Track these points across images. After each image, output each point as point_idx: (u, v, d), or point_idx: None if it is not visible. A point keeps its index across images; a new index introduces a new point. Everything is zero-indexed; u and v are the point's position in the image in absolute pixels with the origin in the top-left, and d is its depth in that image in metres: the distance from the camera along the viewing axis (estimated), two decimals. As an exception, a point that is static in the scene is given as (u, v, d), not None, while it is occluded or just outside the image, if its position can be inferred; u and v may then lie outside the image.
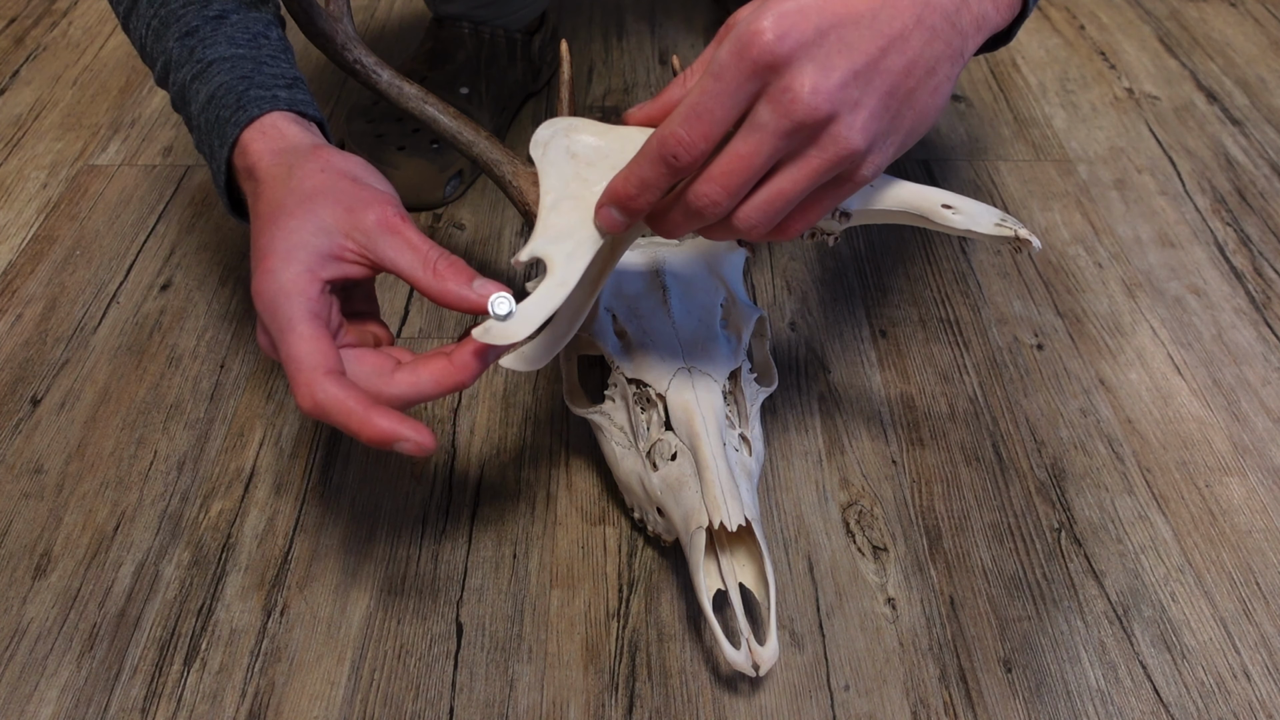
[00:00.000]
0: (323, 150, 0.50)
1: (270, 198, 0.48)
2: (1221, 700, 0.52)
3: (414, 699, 0.52)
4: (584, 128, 0.48)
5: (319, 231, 0.45)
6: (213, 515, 0.60)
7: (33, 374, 0.68)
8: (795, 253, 0.78)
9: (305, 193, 0.47)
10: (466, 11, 0.87)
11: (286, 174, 0.48)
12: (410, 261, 0.46)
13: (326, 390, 0.42)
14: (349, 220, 0.46)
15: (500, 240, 0.80)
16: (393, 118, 0.83)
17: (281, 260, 0.45)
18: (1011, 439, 0.65)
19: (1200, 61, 1.02)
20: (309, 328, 0.44)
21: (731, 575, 0.50)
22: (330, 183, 0.47)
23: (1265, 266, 0.78)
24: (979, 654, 0.54)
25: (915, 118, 0.43)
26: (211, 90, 0.53)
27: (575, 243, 0.45)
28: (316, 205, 0.46)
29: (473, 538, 0.59)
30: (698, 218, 0.43)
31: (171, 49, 0.54)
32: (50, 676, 0.52)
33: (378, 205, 0.47)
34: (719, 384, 0.54)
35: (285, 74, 0.55)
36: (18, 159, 0.87)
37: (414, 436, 0.43)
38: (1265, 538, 0.60)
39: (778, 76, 0.40)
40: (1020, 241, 0.46)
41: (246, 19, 0.55)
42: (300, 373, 0.43)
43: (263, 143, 0.50)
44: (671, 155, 0.41)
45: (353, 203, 0.46)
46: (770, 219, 0.43)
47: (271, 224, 0.46)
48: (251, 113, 0.51)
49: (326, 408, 0.42)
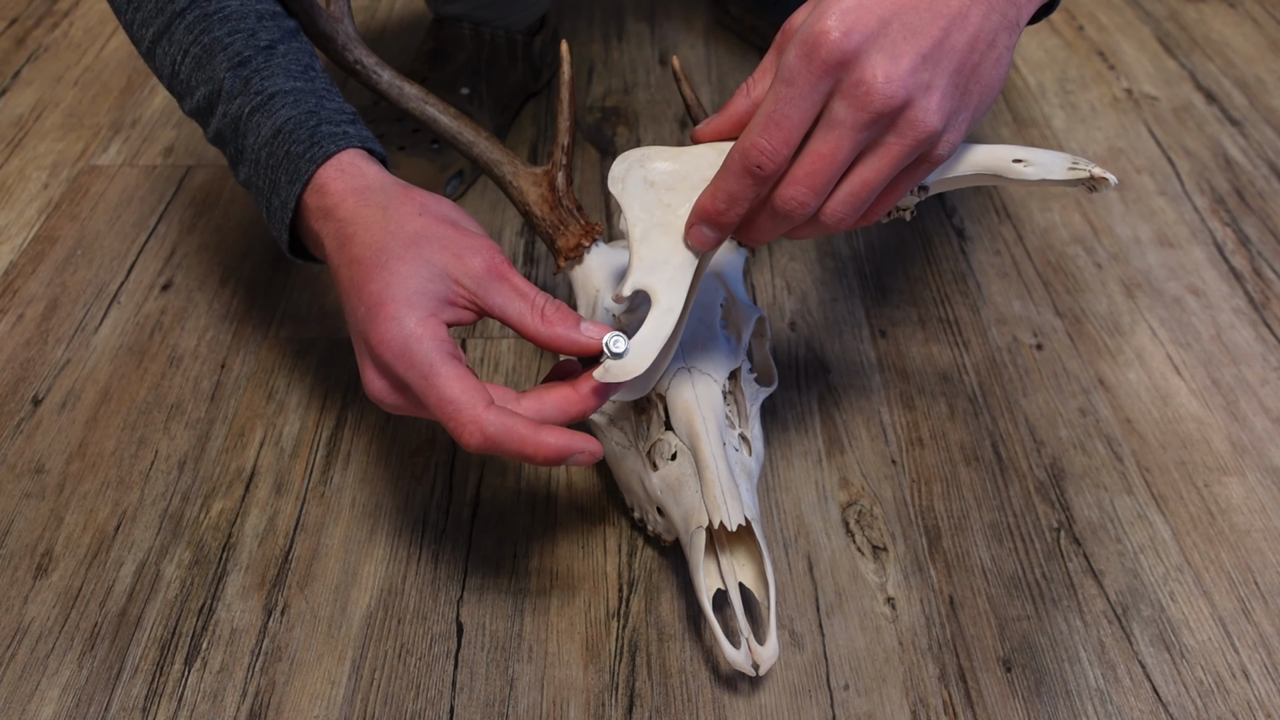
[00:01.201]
0: (414, 192, 0.49)
1: (368, 240, 0.47)
2: (1220, 699, 0.52)
3: (414, 698, 0.52)
4: (657, 155, 0.48)
5: (433, 277, 0.45)
6: (213, 515, 0.60)
7: (34, 374, 0.68)
8: (795, 253, 0.78)
9: (409, 237, 0.46)
10: (467, 12, 0.88)
11: (382, 216, 0.47)
12: (519, 309, 0.46)
13: (494, 423, 0.43)
14: (458, 266, 0.46)
15: (500, 240, 0.80)
16: (393, 118, 0.83)
17: (405, 307, 0.44)
18: (1011, 439, 0.65)
19: (1199, 62, 1.02)
20: (453, 368, 0.44)
21: (731, 575, 0.50)
22: (431, 227, 0.47)
23: (1264, 267, 0.78)
24: (978, 653, 0.54)
25: (983, 90, 0.44)
26: (278, 124, 0.51)
27: (673, 268, 0.46)
28: (424, 250, 0.46)
29: (473, 538, 0.59)
30: (786, 220, 0.44)
31: (223, 79, 0.52)
32: (51, 676, 0.52)
33: (485, 251, 0.47)
34: (719, 384, 0.54)
35: (344, 109, 0.53)
36: (19, 159, 0.87)
37: (587, 447, 0.45)
38: (1264, 537, 0.60)
39: (849, 72, 0.40)
40: (1096, 180, 0.46)
41: (293, 49, 0.54)
42: (462, 411, 0.43)
43: (343, 181, 0.49)
44: (756, 165, 0.42)
45: (459, 249, 0.46)
46: (857, 210, 0.44)
47: (380, 269, 0.45)
48: (328, 149, 0.50)
49: (498, 439, 0.43)
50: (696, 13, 1.07)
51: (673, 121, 0.92)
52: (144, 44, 0.55)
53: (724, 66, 0.99)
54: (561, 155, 0.60)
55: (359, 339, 0.46)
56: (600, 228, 0.59)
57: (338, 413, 0.66)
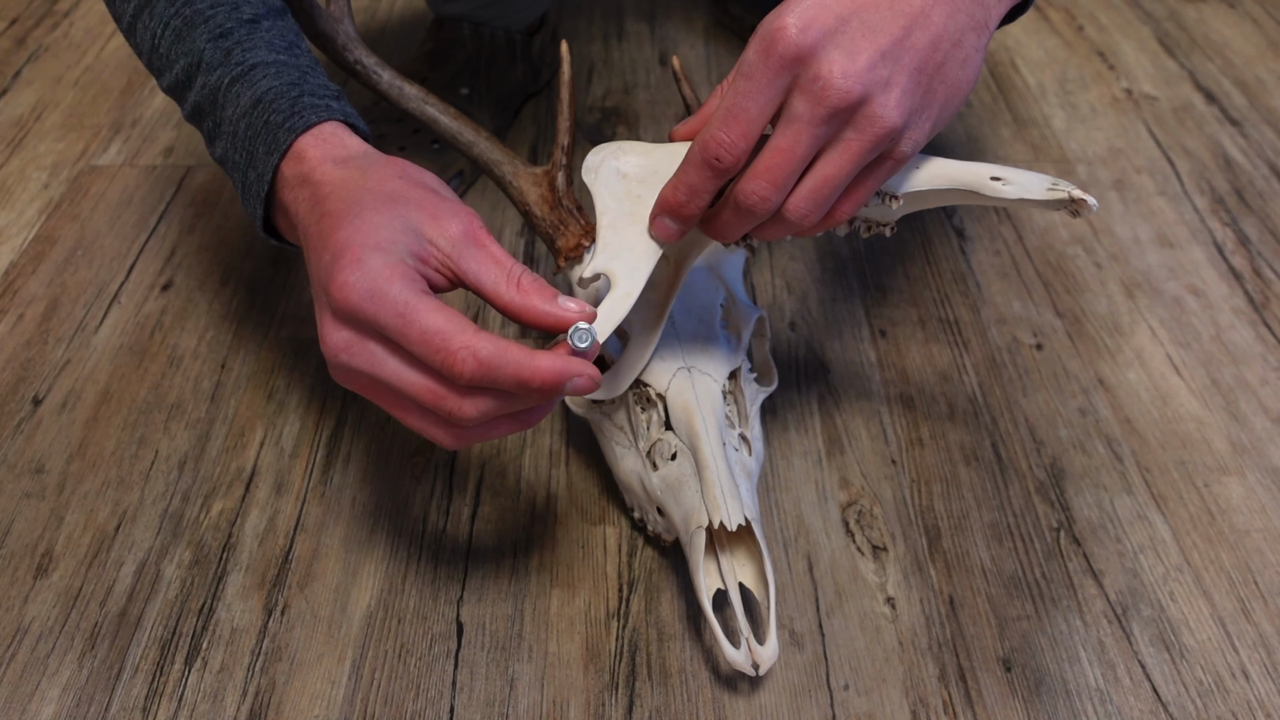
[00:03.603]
0: (397, 159, 0.47)
1: (343, 196, 0.44)
2: (1220, 699, 0.52)
3: (414, 698, 0.52)
4: (631, 149, 0.50)
5: (407, 230, 0.42)
6: (214, 515, 0.60)
7: (34, 374, 0.68)
8: (795, 253, 0.79)
9: (386, 194, 0.44)
10: (467, 12, 0.88)
11: (360, 176, 0.45)
12: (494, 277, 0.43)
13: (487, 346, 0.40)
14: (435, 228, 0.43)
15: (500, 240, 0.80)
16: (393, 118, 0.83)
17: (372, 250, 0.41)
18: (1011, 439, 0.65)
19: (1199, 62, 1.02)
20: (431, 301, 0.41)
21: (731, 575, 0.50)
22: (410, 190, 0.45)
23: (1264, 267, 0.78)
24: (978, 653, 0.54)
25: (948, 90, 0.43)
26: (258, 94, 0.49)
27: (635, 256, 0.47)
28: (400, 207, 0.43)
29: (473, 538, 0.59)
30: (749, 215, 0.44)
31: (202, 50, 0.51)
32: (52, 676, 0.52)
33: (463, 216, 0.44)
34: (719, 384, 0.54)
35: (329, 86, 0.52)
36: (19, 159, 0.87)
37: (585, 370, 0.42)
38: (1263, 537, 0.60)
39: (806, 67, 0.41)
40: (1077, 202, 0.45)
41: (277, 26, 0.53)
42: (451, 339, 0.40)
43: (322, 149, 0.47)
44: (714, 158, 0.43)
45: (437, 211, 0.44)
46: (819, 206, 0.44)
47: (350, 218, 0.43)
48: (309, 119, 0.48)
49: (493, 363, 0.40)
50: (696, 13, 1.07)
51: (672, 121, 0.92)
52: (125, 19, 0.54)
53: (724, 66, 0.99)
54: (561, 155, 0.60)
55: (319, 290, 0.43)
56: (600, 228, 0.59)
57: (338, 413, 0.66)
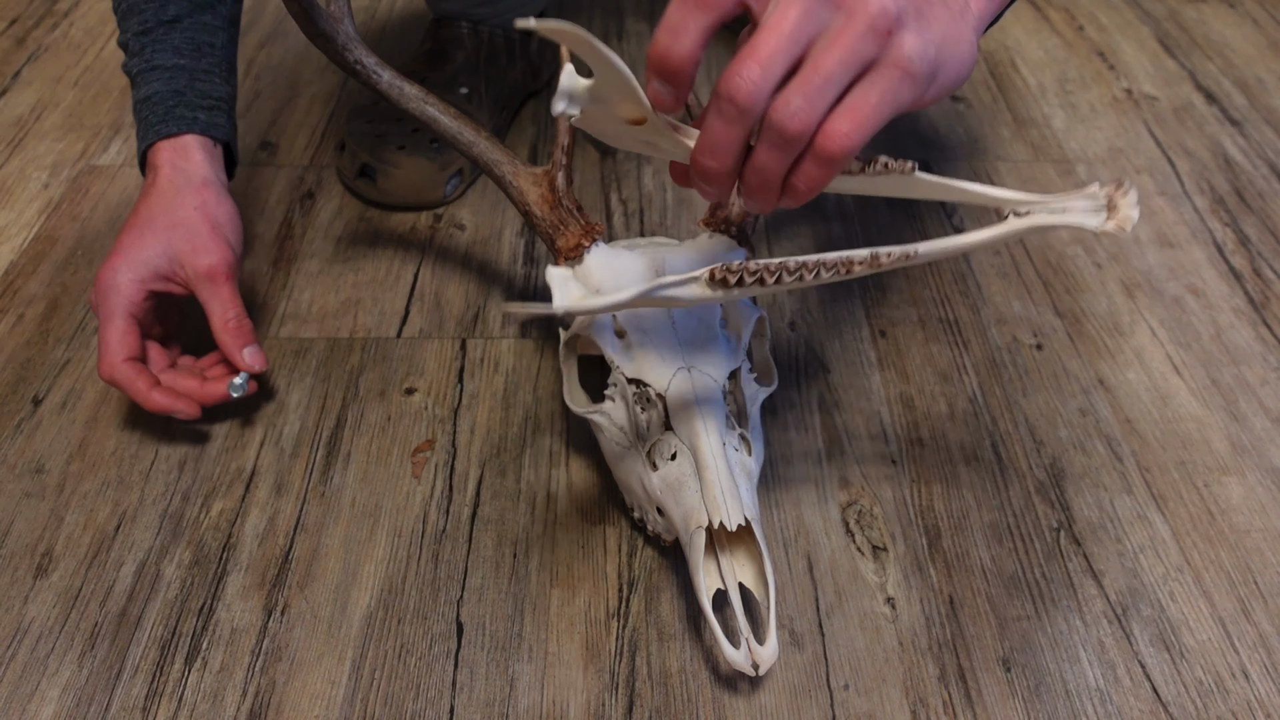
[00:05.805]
0: (207, 189, 0.64)
1: (150, 203, 0.63)
2: (1220, 699, 0.52)
3: (414, 698, 0.52)
4: None
5: (164, 255, 0.61)
6: (214, 515, 0.60)
7: (34, 374, 0.68)
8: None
9: (172, 220, 0.62)
10: (465, 10, 0.88)
11: (172, 194, 0.63)
12: (216, 309, 0.62)
13: (121, 370, 0.59)
14: (190, 258, 0.61)
15: (500, 240, 0.80)
16: (393, 117, 0.83)
17: (125, 264, 0.60)
18: (1011, 439, 0.65)
19: (1199, 62, 1.02)
20: (124, 323, 0.60)
21: (731, 575, 0.50)
22: (194, 221, 0.62)
23: (1264, 267, 0.78)
24: (978, 653, 0.54)
25: (943, 31, 0.42)
26: (147, 94, 0.65)
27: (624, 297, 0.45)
28: (173, 234, 0.61)
29: (473, 538, 0.59)
30: (742, 113, 0.41)
31: (130, 41, 0.66)
32: (51, 676, 0.52)
33: (218, 256, 0.62)
34: (719, 384, 0.54)
35: (212, 93, 0.66)
36: (19, 159, 0.87)
37: (184, 409, 0.60)
38: (1263, 537, 0.60)
39: None
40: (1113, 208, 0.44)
41: (196, 25, 0.66)
42: (108, 352, 0.60)
43: (170, 155, 0.64)
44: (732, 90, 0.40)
45: (200, 245, 0.61)
46: (812, 100, 0.40)
47: (136, 230, 0.62)
48: (170, 129, 0.64)
49: (118, 381, 0.60)
50: (696, 13, 1.07)
51: (673, 121, 0.92)
52: None
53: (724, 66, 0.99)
54: (561, 155, 0.60)
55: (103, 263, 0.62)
56: (600, 228, 0.59)
57: (338, 413, 0.66)
